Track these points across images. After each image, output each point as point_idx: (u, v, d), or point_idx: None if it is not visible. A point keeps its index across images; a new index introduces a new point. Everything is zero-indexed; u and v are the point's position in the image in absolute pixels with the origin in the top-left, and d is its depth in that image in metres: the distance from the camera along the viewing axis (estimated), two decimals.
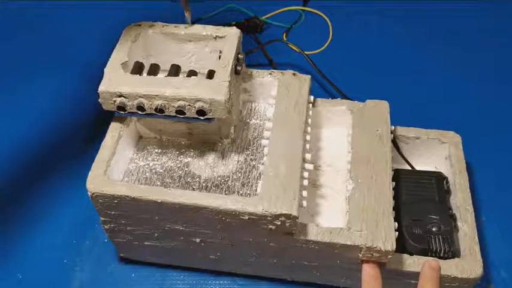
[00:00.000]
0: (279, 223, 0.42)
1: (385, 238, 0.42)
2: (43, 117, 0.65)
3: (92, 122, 0.63)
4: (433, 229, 0.47)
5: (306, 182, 0.46)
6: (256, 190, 0.47)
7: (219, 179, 0.49)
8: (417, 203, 0.50)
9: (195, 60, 0.52)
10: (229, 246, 0.46)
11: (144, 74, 0.49)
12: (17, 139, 0.63)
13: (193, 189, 0.48)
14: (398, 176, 0.52)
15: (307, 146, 0.48)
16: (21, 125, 0.65)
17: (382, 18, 0.79)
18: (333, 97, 0.55)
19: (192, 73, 0.50)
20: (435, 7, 0.81)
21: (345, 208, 0.47)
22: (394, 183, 0.49)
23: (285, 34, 0.76)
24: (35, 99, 0.68)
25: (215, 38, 0.50)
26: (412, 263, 0.45)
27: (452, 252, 0.46)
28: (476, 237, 0.46)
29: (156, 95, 0.44)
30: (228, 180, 0.48)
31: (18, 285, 0.52)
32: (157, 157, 0.51)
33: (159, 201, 0.42)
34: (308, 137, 0.49)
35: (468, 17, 0.79)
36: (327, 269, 0.47)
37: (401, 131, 0.54)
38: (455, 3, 0.81)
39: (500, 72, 0.72)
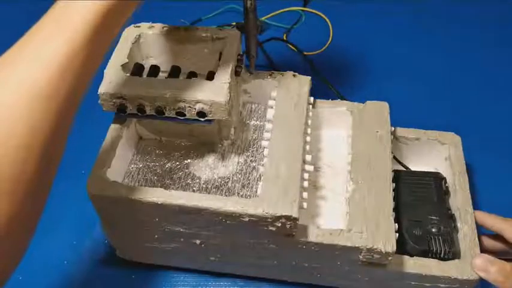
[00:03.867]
0: (279, 225, 0.42)
1: (386, 239, 0.42)
2: None
3: (92, 123, 0.63)
4: (433, 230, 0.47)
5: (306, 184, 0.45)
6: (256, 191, 0.47)
7: (219, 180, 0.49)
8: (417, 204, 0.50)
9: (195, 62, 0.52)
10: (229, 248, 0.46)
11: (144, 75, 0.49)
12: None
13: (194, 191, 0.48)
14: (397, 177, 0.52)
15: (307, 147, 0.48)
16: None
17: (382, 18, 0.80)
18: (333, 98, 0.55)
19: (192, 74, 0.50)
20: (435, 7, 0.81)
21: (346, 209, 0.47)
22: (393, 184, 0.49)
23: (285, 35, 0.76)
24: None
25: (215, 39, 0.50)
26: (413, 264, 0.45)
27: (452, 253, 0.46)
28: (476, 239, 0.46)
29: (156, 97, 0.44)
30: (228, 182, 0.48)
31: (18, 286, 0.52)
32: (157, 158, 0.51)
33: (159, 202, 0.42)
34: (308, 138, 0.49)
35: (468, 17, 0.79)
36: (328, 271, 0.47)
37: (401, 132, 0.54)
38: (455, 3, 0.81)
39: (500, 73, 0.72)
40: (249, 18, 0.49)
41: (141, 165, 0.50)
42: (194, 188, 0.48)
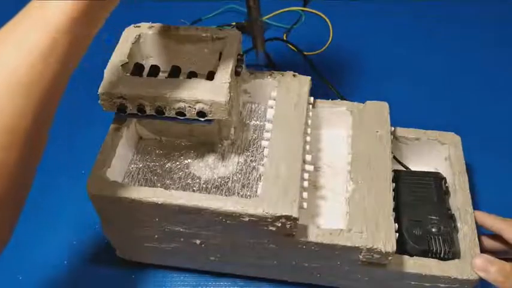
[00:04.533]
0: (279, 225, 0.42)
1: (386, 239, 0.42)
2: None
3: (92, 123, 0.63)
4: (433, 230, 0.47)
5: (306, 184, 0.45)
6: (256, 191, 0.47)
7: (219, 180, 0.49)
8: (417, 204, 0.50)
9: (195, 62, 0.52)
10: (229, 248, 0.46)
11: (144, 75, 0.49)
12: None
13: (194, 191, 0.48)
14: (397, 177, 0.52)
15: (307, 147, 0.48)
16: None
17: (382, 18, 0.80)
18: (333, 98, 0.55)
19: (192, 74, 0.50)
20: (435, 7, 0.81)
21: (346, 209, 0.47)
22: (393, 184, 0.49)
23: (285, 35, 0.76)
24: None
25: (215, 39, 0.50)
26: (413, 264, 0.45)
27: (452, 253, 0.46)
28: (476, 239, 0.46)
29: (156, 97, 0.44)
30: (228, 182, 0.48)
31: (18, 286, 0.52)
32: (157, 158, 0.51)
33: (159, 202, 0.42)
34: (308, 138, 0.49)
35: (468, 17, 0.80)
36: (328, 271, 0.47)
37: (401, 132, 0.54)
38: (455, 3, 0.81)
39: (500, 73, 0.72)
40: (253, 17, 0.50)
41: (141, 165, 0.50)
42: (194, 188, 0.48)
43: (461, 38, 0.76)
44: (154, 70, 0.50)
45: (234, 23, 0.74)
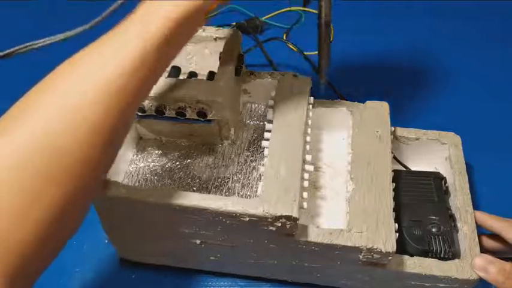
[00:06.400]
0: (279, 225, 0.42)
1: (386, 239, 0.42)
2: None
3: None
4: (433, 230, 0.47)
5: (306, 184, 0.45)
6: (256, 191, 0.47)
7: (219, 180, 0.49)
8: (416, 204, 0.50)
9: (196, 62, 0.52)
10: (229, 248, 0.46)
11: None
12: None
13: (194, 191, 0.48)
14: (397, 177, 0.52)
15: (307, 147, 0.48)
16: None
17: (382, 18, 0.80)
18: (333, 98, 0.55)
19: (192, 74, 0.50)
20: (435, 7, 0.81)
21: (346, 209, 0.47)
22: (393, 184, 0.49)
23: (285, 35, 0.76)
24: None
25: (215, 39, 0.50)
26: (413, 264, 0.45)
27: (452, 252, 0.46)
28: (477, 238, 0.46)
29: (157, 97, 0.44)
30: (228, 182, 0.48)
31: None
32: (157, 158, 0.51)
33: (159, 202, 0.42)
34: (308, 138, 0.49)
35: (469, 16, 0.80)
36: (328, 270, 0.47)
37: (401, 131, 0.54)
38: (457, 2, 0.81)
39: (500, 73, 0.72)
40: (322, 31, 0.45)
41: (141, 165, 0.50)
42: (194, 188, 0.48)
43: (461, 37, 0.76)
44: None
45: (234, 23, 0.74)
